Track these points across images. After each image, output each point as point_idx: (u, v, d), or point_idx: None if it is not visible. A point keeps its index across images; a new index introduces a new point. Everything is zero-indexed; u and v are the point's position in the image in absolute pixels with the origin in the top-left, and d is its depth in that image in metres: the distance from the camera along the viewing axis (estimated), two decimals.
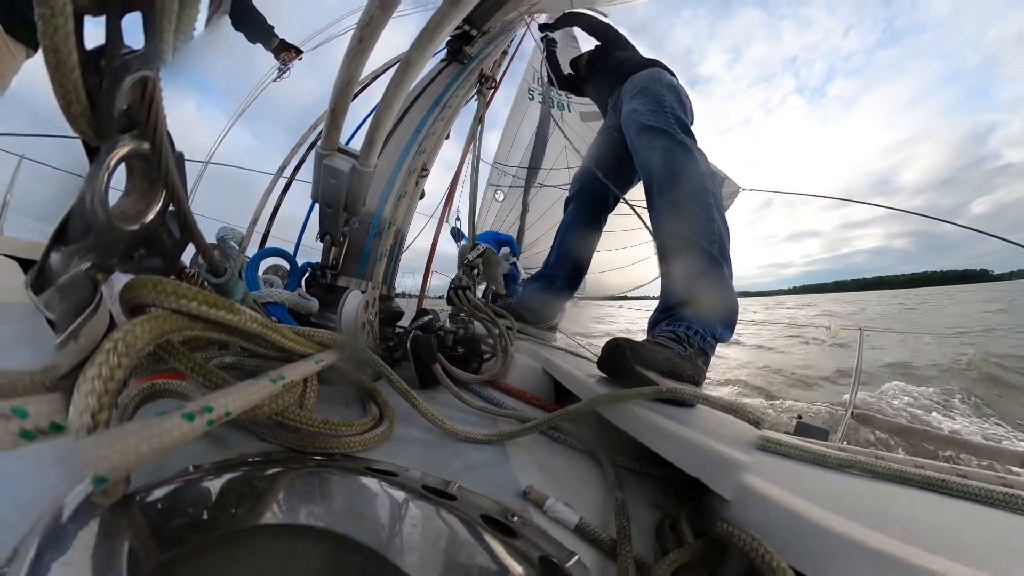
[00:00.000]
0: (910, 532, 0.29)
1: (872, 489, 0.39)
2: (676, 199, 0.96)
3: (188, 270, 0.38)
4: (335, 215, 0.68)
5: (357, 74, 0.51)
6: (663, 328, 0.83)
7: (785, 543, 0.31)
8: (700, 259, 0.89)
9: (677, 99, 1.17)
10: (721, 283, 0.88)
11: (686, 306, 0.85)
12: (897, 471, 0.40)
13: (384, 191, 0.86)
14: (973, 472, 0.46)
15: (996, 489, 0.37)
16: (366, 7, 0.42)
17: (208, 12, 0.32)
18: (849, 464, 0.41)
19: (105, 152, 0.24)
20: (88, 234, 0.25)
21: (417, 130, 0.88)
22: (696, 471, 0.41)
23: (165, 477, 0.28)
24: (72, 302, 0.23)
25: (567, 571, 0.32)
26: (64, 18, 0.18)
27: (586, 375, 0.72)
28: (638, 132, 1.10)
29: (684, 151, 1.03)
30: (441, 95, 0.92)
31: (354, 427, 0.46)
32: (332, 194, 0.65)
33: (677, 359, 0.72)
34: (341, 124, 0.56)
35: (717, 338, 0.84)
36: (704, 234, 0.91)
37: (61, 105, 0.21)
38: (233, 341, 0.39)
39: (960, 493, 0.38)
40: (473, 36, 1.00)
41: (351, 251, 0.79)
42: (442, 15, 0.44)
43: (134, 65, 0.24)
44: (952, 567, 0.24)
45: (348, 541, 0.27)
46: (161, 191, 0.31)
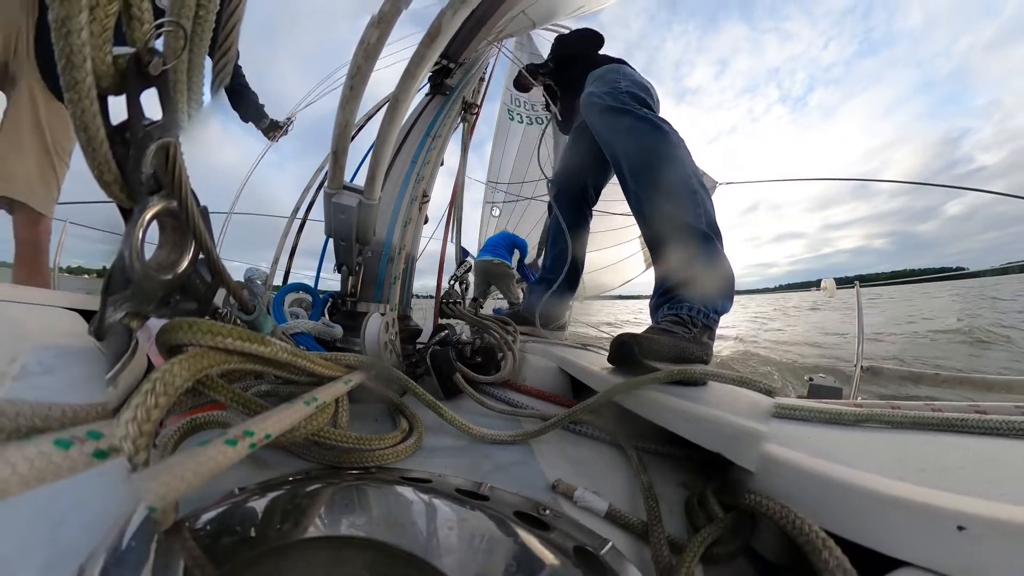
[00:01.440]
0: (935, 476, 0.27)
1: (892, 440, 0.36)
2: (653, 178, 0.87)
3: (221, 310, 0.39)
4: (348, 247, 0.70)
5: (352, 117, 0.53)
6: (665, 312, 0.79)
7: (813, 506, 0.29)
8: (690, 236, 0.82)
9: (634, 83, 1.08)
10: (714, 256, 0.82)
11: (684, 287, 0.80)
12: (915, 418, 0.38)
13: (391, 220, 0.88)
14: (991, 407, 0.43)
15: (1016, 419, 0.35)
16: (352, 59, 0.45)
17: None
18: (866, 418, 0.39)
19: (138, 212, 0.26)
20: (128, 285, 0.26)
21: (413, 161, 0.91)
22: (716, 446, 0.40)
23: (213, 501, 0.29)
24: (113, 348, 0.24)
25: (602, 558, 0.31)
26: (90, 100, 0.19)
27: (600, 368, 0.70)
28: (599, 115, 1.01)
29: (651, 126, 0.93)
30: (431, 126, 0.95)
31: (386, 440, 0.46)
32: (343, 228, 0.67)
33: (683, 343, 0.69)
34: (344, 164, 0.58)
35: (719, 312, 0.79)
36: (689, 209, 0.83)
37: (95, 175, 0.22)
38: (267, 371, 0.40)
39: (981, 429, 0.35)
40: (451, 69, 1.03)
41: (367, 278, 0.81)
42: (420, 55, 0.46)
43: (156, 134, 0.25)
44: (977, 504, 0.23)
45: (389, 548, 0.27)
46: (191, 242, 0.33)
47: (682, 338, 0.71)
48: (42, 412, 0.15)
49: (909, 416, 0.38)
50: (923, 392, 1.61)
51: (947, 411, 0.39)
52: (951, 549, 0.22)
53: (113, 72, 0.20)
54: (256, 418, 0.29)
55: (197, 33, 0.24)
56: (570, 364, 0.80)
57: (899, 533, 0.24)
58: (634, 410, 0.55)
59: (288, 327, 0.61)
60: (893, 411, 0.39)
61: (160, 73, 0.23)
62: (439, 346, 0.78)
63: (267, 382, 0.48)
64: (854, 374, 1.89)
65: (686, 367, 0.54)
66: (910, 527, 0.24)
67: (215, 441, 0.24)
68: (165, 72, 0.23)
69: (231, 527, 0.26)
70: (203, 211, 0.34)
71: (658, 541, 0.34)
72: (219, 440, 0.24)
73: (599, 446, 0.57)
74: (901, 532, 0.24)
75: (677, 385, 0.54)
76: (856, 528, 0.26)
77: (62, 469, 0.13)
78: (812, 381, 1.59)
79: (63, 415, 0.16)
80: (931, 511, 0.23)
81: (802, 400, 0.47)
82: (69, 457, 0.14)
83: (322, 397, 0.39)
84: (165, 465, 0.21)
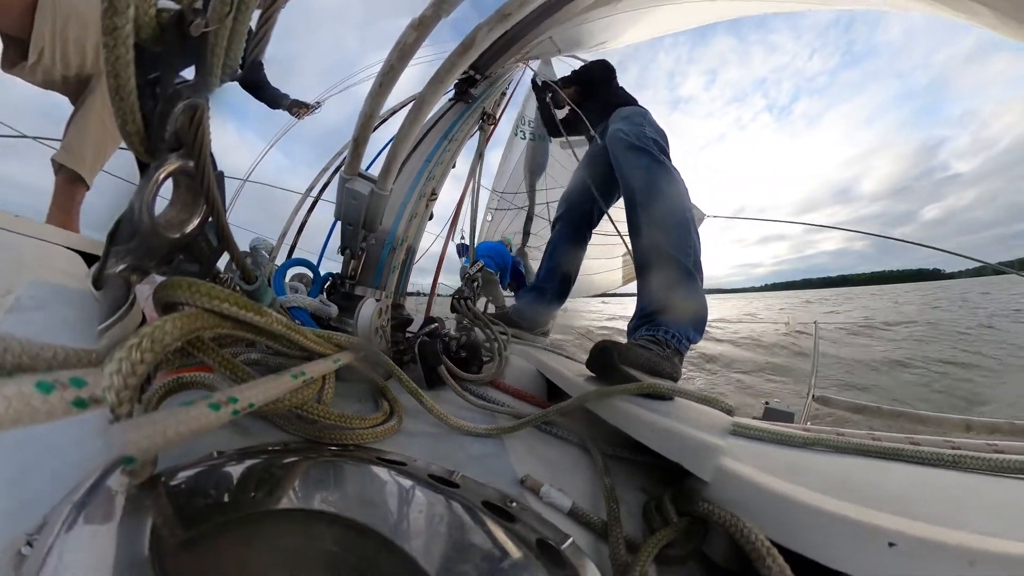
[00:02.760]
0: (871, 497, 0.28)
1: (836, 462, 0.38)
2: (656, 213, 0.95)
3: (222, 275, 0.37)
4: (355, 232, 0.68)
5: (378, 110, 0.52)
6: (643, 333, 0.83)
7: (761, 517, 0.30)
8: (677, 270, 0.88)
9: (656, 130, 1.19)
10: (694, 292, 0.88)
11: (663, 313, 0.85)
12: (856, 444, 0.39)
13: (398, 212, 0.87)
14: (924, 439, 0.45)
15: (945, 452, 0.37)
16: (387, 57, 0.44)
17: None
18: (814, 442, 0.40)
19: (154, 168, 0.24)
20: (133, 238, 0.24)
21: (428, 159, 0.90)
22: (676, 456, 0.40)
23: (190, 461, 0.27)
24: (109, 299, 0.23)
25: (563, 552, 0.31)
26: (126, 48, 0.18)
27: (575, 374, 0.71)
28: (624, 150, 1.09)
29: (665, 170, 1.03)
30: (449, 129, 0.94)
31: (367, 421, 0.45)
32: (353, 213, 0.65)
33: (656, 359, 0.72)
34: (362, 153, 0.57)
35: (690, 340, 0.84)
36: (681, 247, 0.90)
37: (119, 124, 0.21)
38: (260, 340, 0.38)
39: (914, 459, 0.37)
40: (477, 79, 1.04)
41: (368, 264, 0.79)
42: (451, 63, 0.46)
43: (185, 93, 0.24)
44: (907, 524, 0.24)
45: (358, 526, 0.26)
46: (203, 204, 0.31)
47: (656, 355, 0.74)
48: (32, 351, 0.14)
49: (852, 443, 0.40)
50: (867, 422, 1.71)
51: (885, 440, 0.41)
52: (882, 563, 0.23)
53: (154, 25, 0.19)
54: (243, 386, 0.28)
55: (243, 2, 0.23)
56: (548, 368, 0.81)
57: (837, 546, 0.25)
58: (604, 417, 0.55)
59: (286, 300, 0.59)
60: (838, 437, 0.40)
61: (200, 35, 0.22)
62: (427, 338, 0.76)
63: (258, 351, 0.46)
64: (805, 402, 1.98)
65: (656, 381, 0.55)
66: (847, 541, 0.25)
67: (199, 403, 0.22)
68: (205, 35, 0.22)
69: (205, 489, 0.24)
70: (219, 175, 0.32)
71: (616, 540, 0.34)
72: (203, 403, 0.23)
73: (568, 447, 0.57)
74: (839, 545, 0.25)
75: (646, 398, 0.55)
76: (799, 540, 0.27)
77: (39, 413, 0.12)
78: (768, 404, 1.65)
79: (52, 356, 0.14)
80: (866, 528, 0.24)
81: (757, 421, 0.49)
82: (48, 402, 0.13)
83: (310, 372, 0.37)
84: (147, 419, 0.19)
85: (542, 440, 0.58)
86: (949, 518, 0.25)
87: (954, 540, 0.22)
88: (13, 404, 0.11)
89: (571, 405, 0.55)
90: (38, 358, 0.14)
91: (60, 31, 0.97)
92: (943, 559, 0.22)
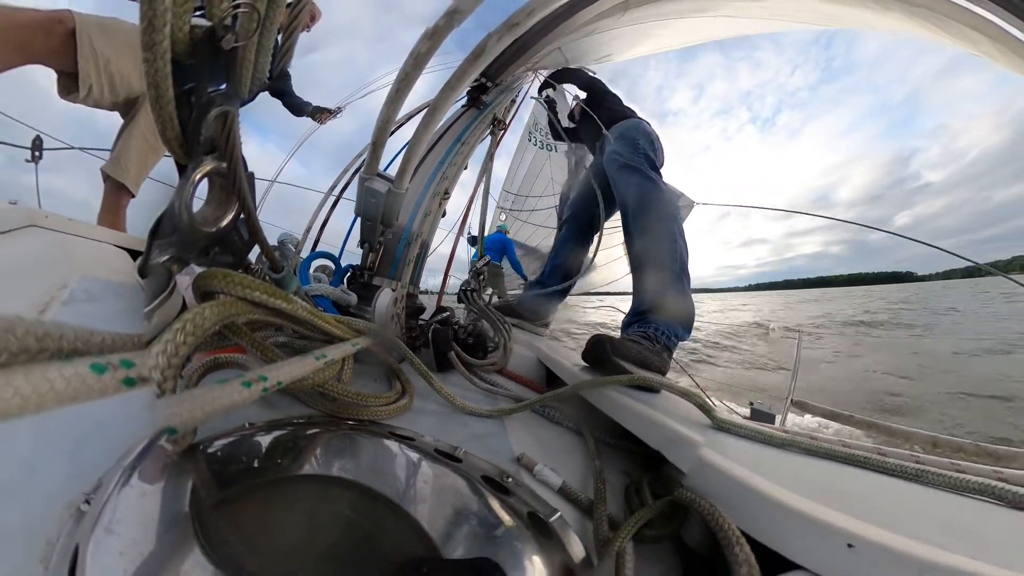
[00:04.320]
0: (837, 499, 0.28)
1: (808, 464, 0.38)
2: (646, 225, 0.99)
3: (253, 266, 0.38)
4: (373, 227, 0.69)
5: (394, 115, 0.51)
6: (635, 329, 0.83)
7: (733, 507, 0.30)
8: (665, 275, 0.91)
9: (649, 142, 1.21)
10: (681, 294, 0.90)
11: (653, 312, 0.86)
12: (828, 449, 0.39)
13: (413, 209, 0.87)
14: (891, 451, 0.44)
15: (909, 465, 0.36)
16: (403, 65, 0.43)
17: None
18: (790, 443, 0.40)
19: (191, 169, 0.25)
20: (174, 233, 0.25)
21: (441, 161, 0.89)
22: (658, 445, 0.41)
23: (225, 431, 0.28)
24: (153, 286, 0.24)
25: (551, 525, 0.31)
26: (164, 62, 0.18)
27: (572, 364, 0.71)
28: (617, 170, 1.14)
29: (653, 186, 1.06)
30: (461, 133, 0.93)
31: (381, 399, 0.46)
32: (371, 210, 0.66)
33: (647, 353, 0.72)
34: (380, 154, 0.57)
35: (679, 337, 0.85)
36: (668, 254, 0.93)
37: (159, 130, 0.21)
38: (286, 325, 0.40)
39: (879, 468, 0.37)
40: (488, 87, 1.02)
41: (385, 256, 0.80)
42: (463, 71, 0.45)
43: (218, 101, 0.24)
44: (868, 528, 0.24)
45: (370, 492, 0.27)
46: (235, 202, 0.32)
47: (647, 349, 0.74)
48: (84, 336, 0.15)
49: (824, 447, 0.39)
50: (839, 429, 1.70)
51: (855, 448, 0.40)
52: (840, 561, 0.23)
53: (188, 41, 0.19)
54: (271, 366, 0.29)
55: (269, 17, 0.23)
56: (547, 357, 0.81)
57: (799, 541, 0.25)
58: (595, 404, 0.56)
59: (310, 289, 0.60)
60: (812, 441, 0.40)
61: (231, 49, 0.22)
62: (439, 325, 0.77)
63: (285, 335, 0.47)
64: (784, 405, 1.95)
65: (645, 374, 0.55)
66: (809, 537, 0.25)
67: (233, 381, 0.23)
68: (235, 48, 0.22)
69: (238, 456, 0.26)
70: (250, 176, 0.33)
71: (600, 517, 0.35)
72: (236, 381, 0.24)
73: (562, 431, 0.58)
74: (801, 540, 0.25)
75: (635, 389, 0.55)
76: (766, 532, 0.27)
77: (94, 391, 0.13)
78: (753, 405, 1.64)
79: (102, 342, 0.15)
80: (828, 527, 0.24)
81: (737, 418, 0.48)
82: (102, 381, 0.13)
83: (331, 354, 0.38)
84: (188, 395, 0.20)
85: (539, 423, 0.59)
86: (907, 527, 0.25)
87: (909, 549, 0.22)
88: (72, 383, 0.12)
89: (567, 392, 0.55)
90: (91, 343, 0.15)
91: (104, 68, 1.03)
92: (896, 565, 0.21)
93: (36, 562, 0.19)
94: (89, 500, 0.20)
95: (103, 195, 1.19)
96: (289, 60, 0.31)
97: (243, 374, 0.25)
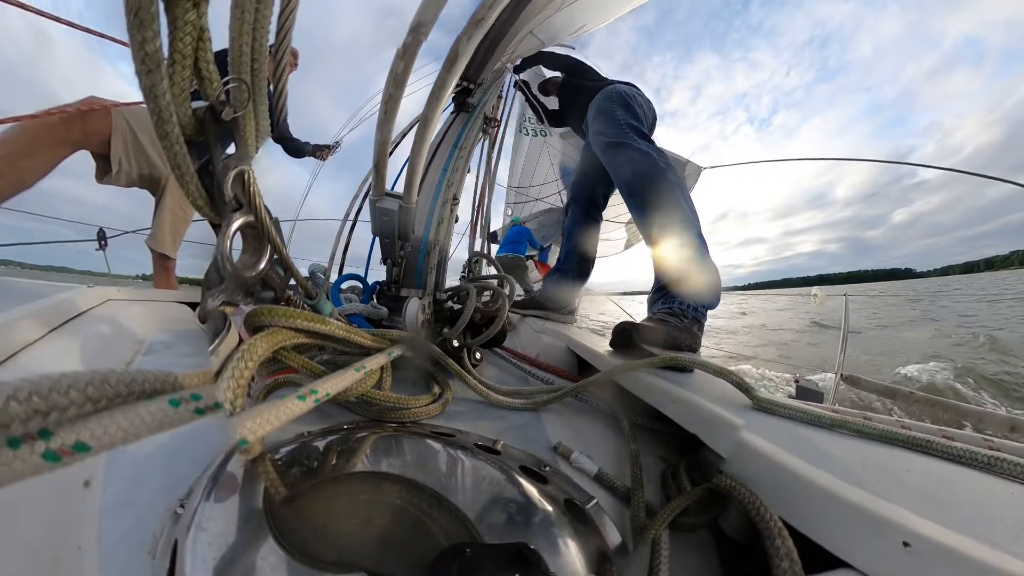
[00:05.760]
0: (892, 490, 0.25)
1: (860, 448, 0.33)
2: (647, 199, 0.93)
3: (292, 297, 0.44)
4: (392, 243, 0.73)
5: (389, 136, 0.54)
6: (660, 307, 0.80)
7: (775, 495, 0.27)
8: (678, 245, 0.85)
9: (626, 107, 1.11)
10: (700, 261, 0.83)
11: (675, 285, 0.81)
12: (883, 431, 0.33)
13: (427, 220, 0.90)
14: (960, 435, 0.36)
15: (980, 452, 0.30)
16: (384, 87, 0.45)
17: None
18: (840, 424, 0.35)
19: (225, 226, 0.29)
20: (222, 281, 0.30)
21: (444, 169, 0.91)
22: (694, 428, 0.39)
23: (287, 439, 0.33)
24: (214, 328, 0.28)
25: (587, 511, 0.32)
26: (180, 145, 0.22)
27: (603, 350, 0.70)
28: (604, 151, 1.07)
29: (643, 155, 0.98)
30: (457, 139, 0.94)
31: (420, 401, 0.49)
32: (387, 228, 0.70)
33: (675, 332, 0.69)
34: (384, 175, 0.60)
35: (707, 307, 0.80)
36: (677, 223, 0.87)
37: (190, 200, 0.26)
38: (327, 344, 0.45)
39: (943, 454, 0.31)
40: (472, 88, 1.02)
41: (407, 269, 0.85)
42: (442, 80, 0.46)
43: (232, 164, 0.28)
44: (927, 525, 0.20)
45: (416, 484, 0.29)
46: (267, 246, 0.37)
47: (675, 327, 0.71)
48: (161, 378, 0.19)
49: (879, 429, 0.34)
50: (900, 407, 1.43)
51: (916, 430, 0.34)
52: (893, 562, 0.20)
53: (194, 122, 0.23)
54: (319, 380, 0.33)
55: (256, 83, 0.26)
56: (577, 345, 0.80)
57: (848, 535, 0.23)
58: (628, 388, 0.54)
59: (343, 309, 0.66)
60: (865, 421, 0.35)
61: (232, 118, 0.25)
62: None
63: (328, 353, 0.53)
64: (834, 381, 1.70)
65: (677, 354, 0.52)
66: (859, 532, 0.22)
67: (290, 396, 0.27)
68: (235, 117, 0.26)
69: (300, 460, 0.30)
70: (275, 221, 0.37)
71: (637, 503, 0.34)
72: (293, 396, 0.28)
73: (596, 417, 0.58)
74: (850, 535, 0.22)
75: (667, 370, 0.53)
76: (810, 523, 0.25)
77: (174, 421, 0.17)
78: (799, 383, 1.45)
79: (175, 381, 0.19)
80: (881, 521, 0.21)
81: (781, 397, 0.44)
82: (178, 412, 0.17)
83: (370, 365, 0.42)
84: (255, 411, 0.24)
85: (574, 411, 0.59)
86: (975, 527, 0.21)
87: (976, 553, 0.18)
88: (156, 417, 0.16)
89: (599, 379, 0.55)
90: (166, 383, 0.19)
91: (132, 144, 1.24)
92: (960, 571, 0.18)
93: (145, 554, 0.24)
94: (183, 504, 0.25)
95: (152, 263, 1.48)
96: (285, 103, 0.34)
97: (297, 390, 0.29)
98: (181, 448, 0.32)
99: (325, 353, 0.52)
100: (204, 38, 0.21)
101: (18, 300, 0.42)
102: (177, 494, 0.27)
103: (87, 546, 0.24)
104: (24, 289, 0.52)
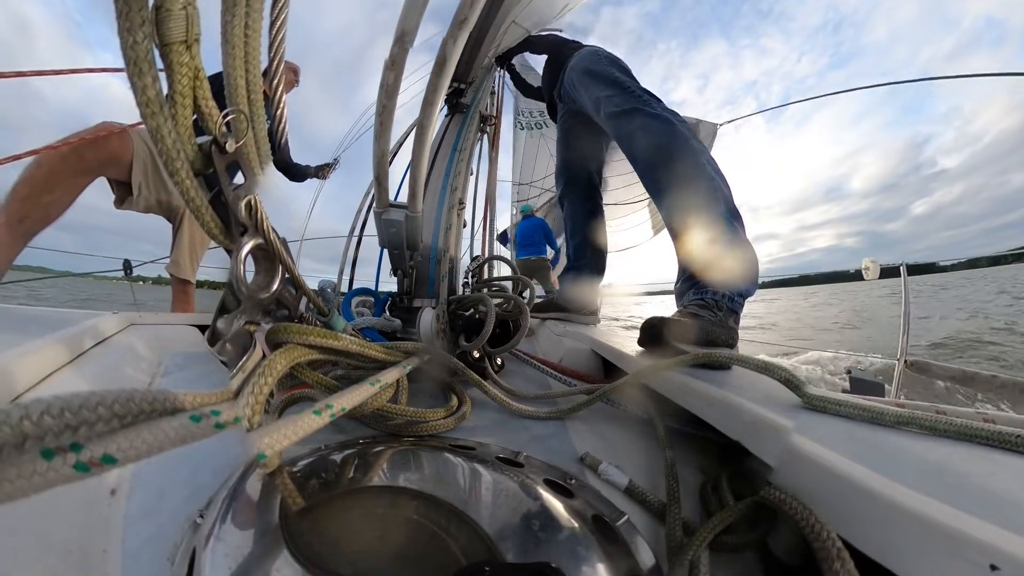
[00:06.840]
0: (975, 500, 0.21)
1: (933, 449, 0.28)
2: (670, 172, 0.82)
3: (305, 315, 0.47)
4: (401, 254, 0.76)
5: (387, 147, 0.57)
6: (691, 298, 0.73)
7: (833, 510, 0.25)
8: (710, 222, 0.75)
9: (622, 69, 1.01)
10: (736, 241, 0.74)
11: (706, 272, 0.74)
12: (962, 427, 0.29)
13: (434, 227, 0.93)
14: None
15: None
16: (377, 99, 0.48)
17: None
18: (907, 421, 0.31)
19: (237, 251, 0.32)
20: (240, 304, 0.33)
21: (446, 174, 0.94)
22: (737, 435, 0.36)
23: (304, 452, 0.35)
24: (238, 346, 0.31)
25: (617, 529, 0.31)
26: (190, 180, 0.25)
27: (630, 351, 0.67)
28: (612, 119, 0.95)
29: (661, 122, 0.87)
30: (456, 142, 0.97)
31: (438, 413, 0.49)
32: (395, 239, 0.73)
33: (709, 326, 0.64)
34: (386, 186, 0.63)
35: (743, 296, 0.72)
36: (709, 197, 0.77)
37: (204, 229, 0.29)
38: (341, 360, 0.47)
39: None
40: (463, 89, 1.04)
41: (419, 278, 0.87)
42: (433, 85, 0.48)
43: (241, 192, 0.31)
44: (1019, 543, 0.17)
45: (434, 499, 0.29)
46: (279, 267, 0.40)
47: (708, 322, 0.66)
48: (182, 397, 0.21)
49: (956, 424, 0.29)
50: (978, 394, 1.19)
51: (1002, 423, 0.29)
52: None
53: (200, 156, 0.26)
54: (335, 395, 0.35)
55: (255, 112, 0.29)
56: (602, 346, 0.78)
57: (920, 557, 0.20)
58: (660, 391, 0.52)
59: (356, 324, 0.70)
60: (938, 416, 0.29)
61: (235, 149, 0.28)
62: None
63: (342, 368, 0.55)
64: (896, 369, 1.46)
65: (711, 351, 0.49)
66: (934, 553, 0.19)
67: (306, 411, 0.29)
68: (238, 147, 0.29)
69: (316, 473, 0.32)
70: (283, 242, 0.40)
71: (673, 520, 0.32)
72: (309, 411, 0.29)
73: (627, 423, 0.55)
74: (924, 558, 0.20)
75: (702, 368, 0.50)
76: (874, 541, 0.22)
77: (195, 435, 0.19)
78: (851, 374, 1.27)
79: (194, 399, 0.22)
80: (963, 540, 0.18)
81: (836, 393, 0.39)
82: (199, 427, 0.19)
83: (385, 379, 0.44)
84: (273, 426, 0.26)
85: (602, 416, 0.57)
86: None
87: None
88: (179, 432, 0.18)
89: (626, 382, 0.53)
90: (184, 401, 0.21)
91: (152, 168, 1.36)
92: None
93: (165, 560, 0.26)
94: (203, 514, 0.27)
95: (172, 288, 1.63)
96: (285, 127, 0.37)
97: (313, 404, 0.31)
98: (204, 460, 0.35)
99: (339, 368, 0.55)
100: (200, 77, 0.24)
101: (51, 328, 0.48)
102: (198, 505, 0.30)
103: (112, 550, 0.27)
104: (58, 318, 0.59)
